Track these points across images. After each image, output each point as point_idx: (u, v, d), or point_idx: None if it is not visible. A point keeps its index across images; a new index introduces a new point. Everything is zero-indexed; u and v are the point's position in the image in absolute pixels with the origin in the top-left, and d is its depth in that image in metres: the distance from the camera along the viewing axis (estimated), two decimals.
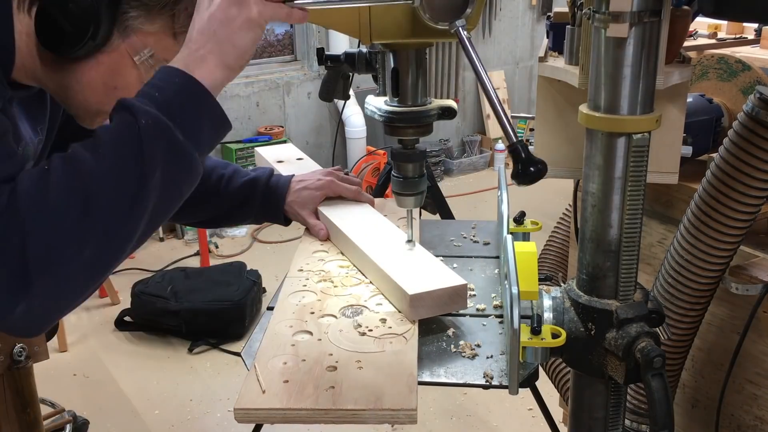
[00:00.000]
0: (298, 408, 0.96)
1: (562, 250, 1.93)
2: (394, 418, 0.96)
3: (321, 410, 0.96)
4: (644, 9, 0.91)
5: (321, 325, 1.16)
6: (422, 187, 1.18)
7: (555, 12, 1.55)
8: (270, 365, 1.05)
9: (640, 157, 0.97)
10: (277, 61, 5.28)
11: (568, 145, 1.46)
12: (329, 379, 1.01)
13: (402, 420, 0.95)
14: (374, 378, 1.02)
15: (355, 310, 1.22)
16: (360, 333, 1.14)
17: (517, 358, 0.99)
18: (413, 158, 1.15)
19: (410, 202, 1.21)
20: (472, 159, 5.92)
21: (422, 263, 1.27)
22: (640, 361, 0.96)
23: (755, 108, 1.20)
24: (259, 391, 0.99)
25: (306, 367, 1.05)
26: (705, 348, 1.48)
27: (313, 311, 1.21)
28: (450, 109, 1.17)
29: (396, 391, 0.98)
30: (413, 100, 1.12)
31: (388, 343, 1.11)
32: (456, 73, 5.84)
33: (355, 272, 1.35)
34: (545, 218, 1.56)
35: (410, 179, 1.16)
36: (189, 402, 2.97)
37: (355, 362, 1.06)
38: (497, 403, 2.86)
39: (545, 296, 1.08)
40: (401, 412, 0.95)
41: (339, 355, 1.07)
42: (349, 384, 1.00)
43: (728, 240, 1.25)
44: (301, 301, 1.25)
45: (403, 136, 1.15)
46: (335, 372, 1.03)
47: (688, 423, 1.56)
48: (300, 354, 1.08)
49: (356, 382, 1.01)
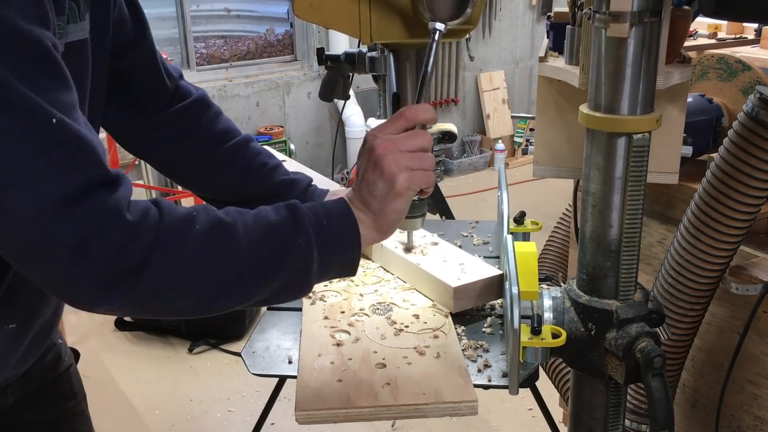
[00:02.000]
0: (360, 406, 0.97)
1: (562, 250, 1.93)
2: (456, 410, 0.97)
3: (383, 407, 0.97)
4: (644, 9, 0.91)
5: (356, 324, 1.18)
6: (423, 210, 1.20)
7: (555, 12, 1.55)
8: (317, 365, 1.06)
9: (640, 157, 0.97)
10: (277, 61, 5.28)
11: (568, 145, 1.46)
12: (382, 376, 1.02)
13: (464, 411, 0.97)
14: (427, 372, 1.03)
15: (385, 307, 1.24)
16: (397, 330, 1.16)
17: (517, 358, 0.99)
18: None
19: (411, 225, 1.23)
20: (472, 159, 5.93)
21: (456, 258, 1.31)
22: (640, 361, 0.96)
23: (755, 108, 1.20)
24: (316, 392, 1.00)
25: (355, 365, 1.06)
26: (705, 348, 1.48)
27: (343, 310, 1.23)
28: (450, 134, 1.20)
29: (453, 383, 1.00)
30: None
31: (428, 338, 1.12)
32: (456, 73, 5.85)
33: (374, 269, 1.36)
34: (545, 218, 1.56)
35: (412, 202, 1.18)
36: (189, 402, 2.97)
37: (402, 358, 1.07)
38: (497, 403, 2.86)
39: (545, 296, 1.08)
40: (463, 404, 0.97)
41: (383, 353, 1.09)
42: (403, 380, 1.01)
43: (728, 240, 1.25)
44: (327, 300, 1.27)
45: None
46: (385, 369, 1.04)
47: (688, 423, 1.56)
48: (344, 353, 1.09)
49: (410, 377, 1.02)
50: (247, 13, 5.20)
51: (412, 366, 1.05)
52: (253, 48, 5.20)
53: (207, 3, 4.98)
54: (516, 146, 6.22)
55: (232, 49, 5.11)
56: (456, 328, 1.19)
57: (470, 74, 6.02)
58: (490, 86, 6.13)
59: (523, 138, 6.18)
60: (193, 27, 4.91)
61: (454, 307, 1.20)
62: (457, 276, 1.23)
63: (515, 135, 6.24)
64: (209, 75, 4.96)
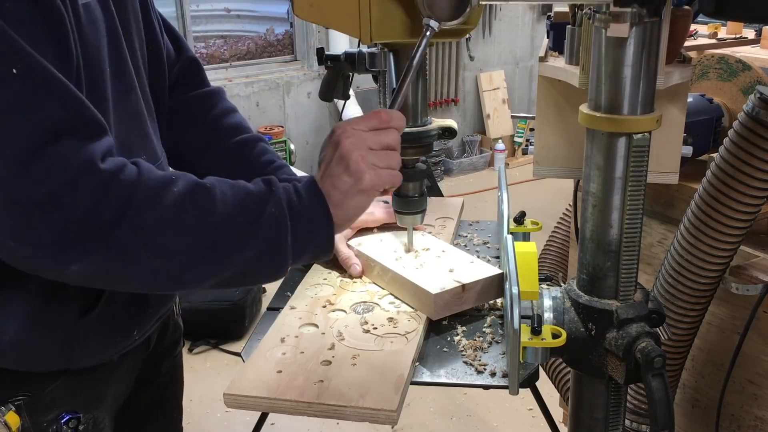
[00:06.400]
0: (283, 399, 0.98)
1: (562, 250, 1.93)
2: (374, 417, 0.95)
3: (304, 403, 0.97)
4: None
5: (329, 319, 1.18)
6: (423, 205, 1.19)
7: (555, 12, 1.55)
8: (269, 355, 1.07)
9: (640, 157, 0.97)
10: (277, 61, 5.28)
11: (568, 145, 1.46)
12: (320, 374, 1.03)
13: (381, 420, 0.95)
14: (364, 376, 1.02)
15: (366, 306, 1.23)
16: (364, 330, 1.15)
17: (517, 358, 0.99)
18: (414, 177, 1.16)
19: (411, 221, 1.22)
20: (472, 159, 5.92)
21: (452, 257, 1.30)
22: (641, 361, 0.96)
23: (755, 108, 1.20)
24: (251, 379, 1.01)
25: (302, 359, 1.06)
26: (705, 348, 1.48)
27: (325, 305, 1.23)
28: (450, 129, 1.19)
29: (381, 390, 0.99)
30: (414, 121, 1.13)
31: (388, 342, 1.11)
32: (456, 73, 5.84)
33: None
34: (545, 218, 1.56)
35: (411, 198, 1.17)
36: (189, 402, 2.96)
37: (351, 358, 1.06)
38: (497, 403, 2.86)
39: (545, 296, 1.08)
40: (381, 412, 0.95)
41: (337, 350, 1.09)
42: (338, 379, 1.01)
43: (728, 240, 1.25)
44: (317, 293, 1.27)
45: (403, 156, 1.15)
46: (329, 366, 1.04)
47: (688, 423, 1.56)
48: (300, 346, 1.10)
49: (346, 378, 1.02)
50: (247, 13, 5.20)
51: (355, 368, 1.04)
52: (253, 48, 5.20)
53: (207, 3, 4.98)
54: (516, 146, 6.22)
55: (232, 49, 5.11)
56: (457, 327, 1.19)
57: (470, 74, 6.02)
58: (490, 86, 6.13)
59: (523, 138, 6.18)
60: (193, 27, 4.91)
61: (435, 314, 1.17)
62: (442, 283, 1.20)
63: (515, 135, 6.24)
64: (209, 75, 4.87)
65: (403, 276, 1.23)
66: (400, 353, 1.08)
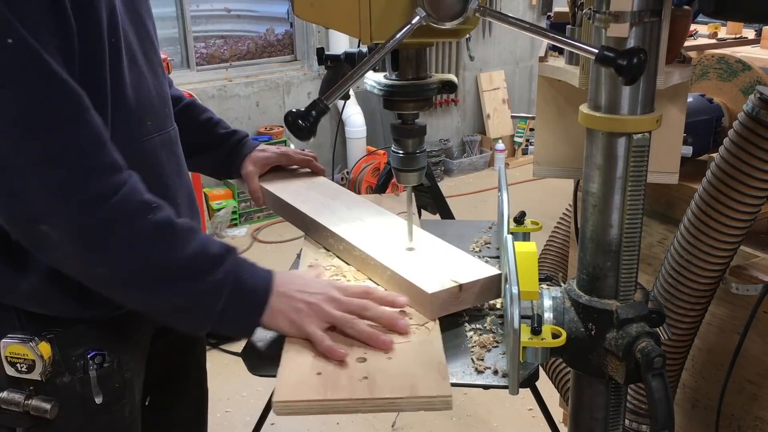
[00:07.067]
0: (336, 399, 0.97)
1: (562, 250, 1.93)
2: (430, 405, 0.97)
3: (359, 400, 0.97)
4: (645, 9, 0.91)
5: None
6: (422, 162, 1.16)
7: (555, 12, 1.55)
8: (300, 359, 1.06)
9: (640, 157, 0.97)
10: (277, 61, 5.28)
11: (568, 145, 1.46)
12: (361, 370, 1.02)
13: (438, 407, 0.97)
14: (405, 367, 1.03)
15: None
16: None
17: (517, 358, 0.99)
18: (413, 133, 1.13)
19: (411, 179, 1.19)
20: (472, 159, 5.93)
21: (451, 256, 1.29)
22: (641, 361, 0.96)
23: (755, 108, 1.20)
24: (295, 384, 1.00)
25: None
26: (705, 348, 1.48)
27: None
28: (450, 83, 1.16)
29: (429, 378, 1.00)
30: (413, 74, 1.11)
31: (411, 334, 1.12)
32: (456, 73, 5.84)
33: None
34: (545, 218, 1.56)
35: (410, 155, 1.15)
36: None
37: (384, 353, 1.07)
38: (497, 403, 2.86)
39: (545, 296, 1.08)
40: (437, 399, 0.97)
41: (366, 346, 1.08)
42: (382, 374, 1.01)
43: (728, 240, 1.25)
44: None
45: (402, 110, 1.13)
46: (365, 363, 1.04)
47: (688, 423, 1.56)
48: None
49: (388, 371, 1.02)
50: (247, 13, 5.20)
51: (392, 361, 1.04)
52: (253, 48, 5.21)
53: (207, 3, 4.98)
54: (516, 146, 6.22)
55: (232, 48, 5.11)
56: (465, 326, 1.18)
57: (470, 74, 6.02)
58: (490, 86, 6.13)
59: (523, 138, 6.19)
60: (193, 27, 4.91)
61: (430, 314, 1.16)
62: (466, 273, 1.19)
63: (515, 135, 6.24)
64: (209, 75, 4.96)
65: (399, 274, 1.22)
66: (428, 342, 1.09)
